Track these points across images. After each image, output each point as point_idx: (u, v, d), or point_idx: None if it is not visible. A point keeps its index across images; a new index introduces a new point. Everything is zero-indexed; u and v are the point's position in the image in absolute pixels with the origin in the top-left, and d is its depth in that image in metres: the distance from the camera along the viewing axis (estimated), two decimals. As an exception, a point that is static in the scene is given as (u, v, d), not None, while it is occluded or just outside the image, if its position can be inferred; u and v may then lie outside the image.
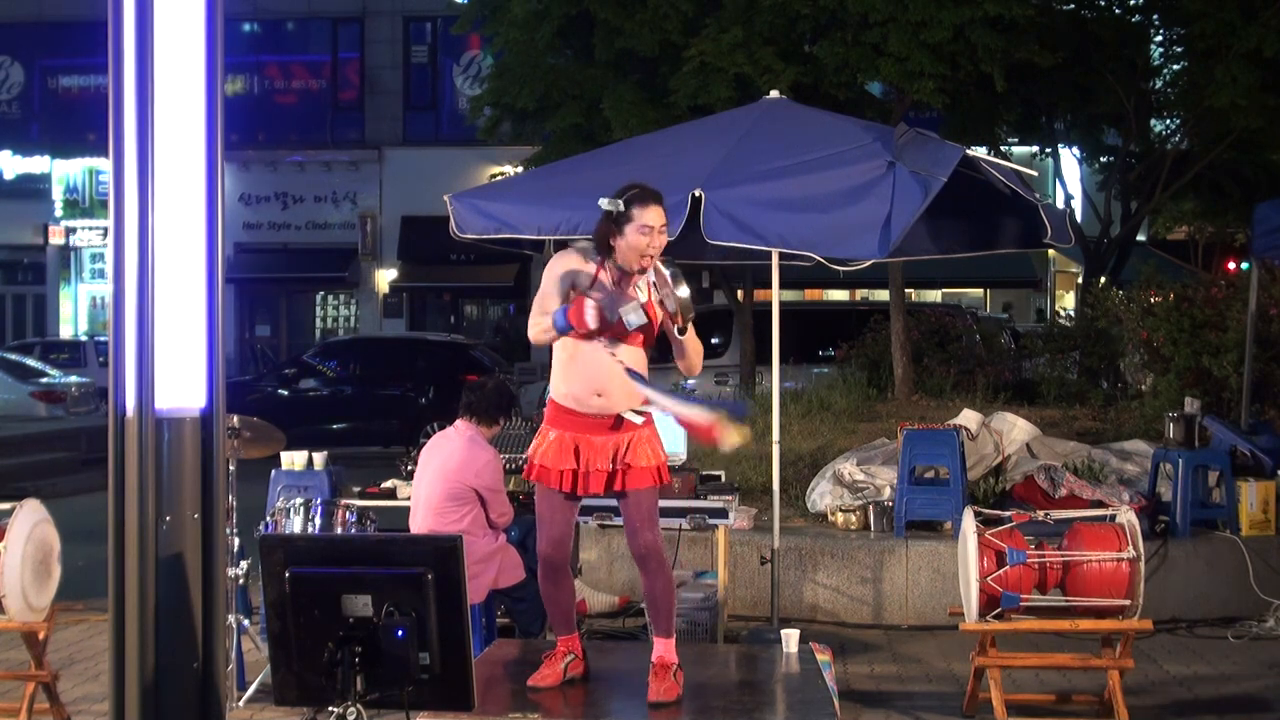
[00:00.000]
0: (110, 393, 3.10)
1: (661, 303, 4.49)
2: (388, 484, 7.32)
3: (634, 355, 4.63)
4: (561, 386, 4.70)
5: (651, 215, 4.56)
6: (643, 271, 4.57)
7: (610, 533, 7.69)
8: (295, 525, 6.02)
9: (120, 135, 3.04)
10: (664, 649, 4.68)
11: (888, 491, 8.02)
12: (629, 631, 7.26)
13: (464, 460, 6.07)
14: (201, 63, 3.10)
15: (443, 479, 6.08)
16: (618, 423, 4.63)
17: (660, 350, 4.78)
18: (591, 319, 4.42)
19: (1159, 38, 15.46)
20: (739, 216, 6.05)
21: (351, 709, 3.38)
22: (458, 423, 6.27)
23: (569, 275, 4.64)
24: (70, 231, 26.80)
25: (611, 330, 4.53)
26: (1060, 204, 16.15)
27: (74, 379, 19.03)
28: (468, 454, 6.08)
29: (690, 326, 4.55)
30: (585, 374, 4.61)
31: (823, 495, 8.29)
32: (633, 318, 4.46)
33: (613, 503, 4.97)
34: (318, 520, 6.08)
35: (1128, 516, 5.60)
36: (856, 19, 11.62)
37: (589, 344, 4.58)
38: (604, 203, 4.58)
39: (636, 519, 4.69)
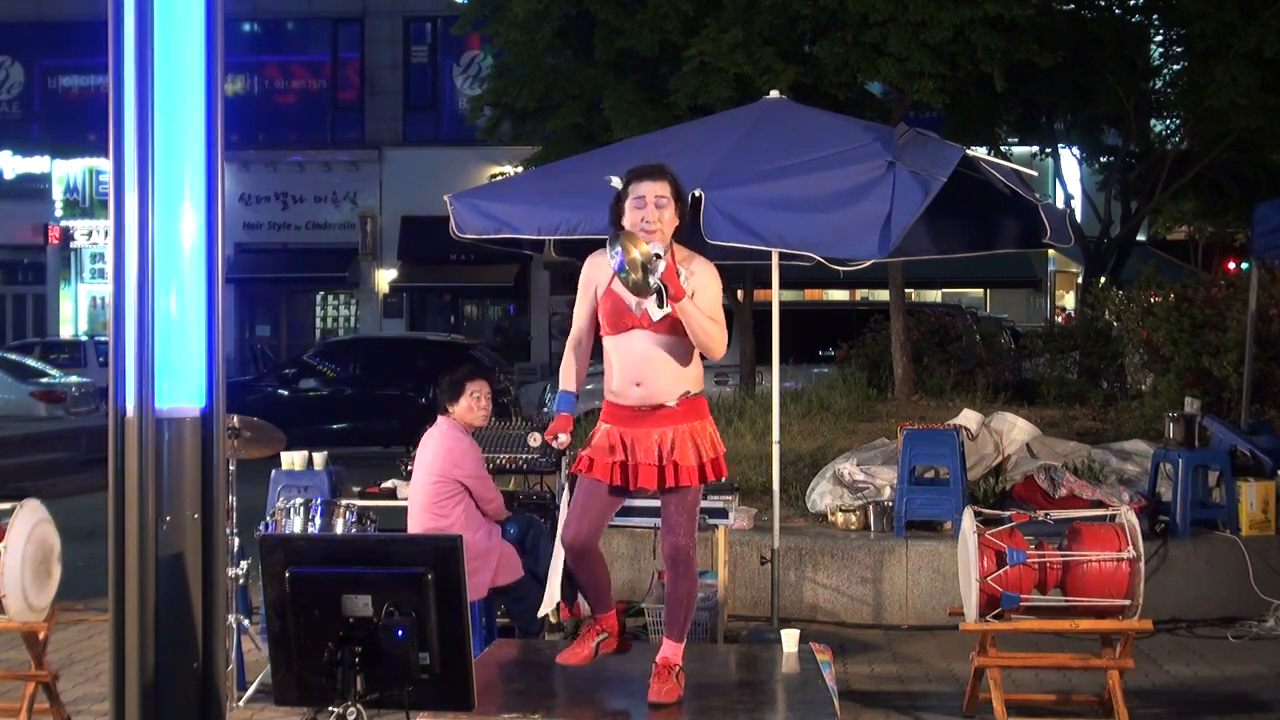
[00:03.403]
0: (110, 393, 3.10)
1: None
2: (388, 484, 7.34)
3: (671, 343, 4.57)
4: (609, 383, 4.71)
5: (644, 188, 4.59)
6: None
7: (610, 532, 7.66)
8: (295, 525, 6.03)
9: (120, 135, 3.04)
10: (670, 651, 4.68)
11: (888, 491, 8.02)
12: (629, 631, 7.25)
13: (442, 453, 6.24)
14: (201, 63, 3.10)
15: (429, 475, 6.25)
16: (661, 414, 4.59)
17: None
18: (557, 442, 4.79)
19: (1159, 38, 15.45)
20: (739, 216, 6.04)
21: (351, 709, 3.39)
22: (438, 419, 6.39)
23: (591, 280, 4.73)
24: (70, 231, 26.80)
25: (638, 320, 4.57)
26: (1060, 204, 16.14)
27: (74, 379, 19.01)
28: (443, 446, 6.26)
29: (686, 305, 4.43)
30: (623, 365, 4.63)
31: (823, 495, 8.28)
32: (654, 310, 4.48)
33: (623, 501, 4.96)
34: (318, 520, 6.09)
35: (1128, 516, 5.60)
36: (856, 19, 11.61)
37: (624, 336, 4.60)
38: (611, 180, 4.67)
39: (675, 520, 4.67)
